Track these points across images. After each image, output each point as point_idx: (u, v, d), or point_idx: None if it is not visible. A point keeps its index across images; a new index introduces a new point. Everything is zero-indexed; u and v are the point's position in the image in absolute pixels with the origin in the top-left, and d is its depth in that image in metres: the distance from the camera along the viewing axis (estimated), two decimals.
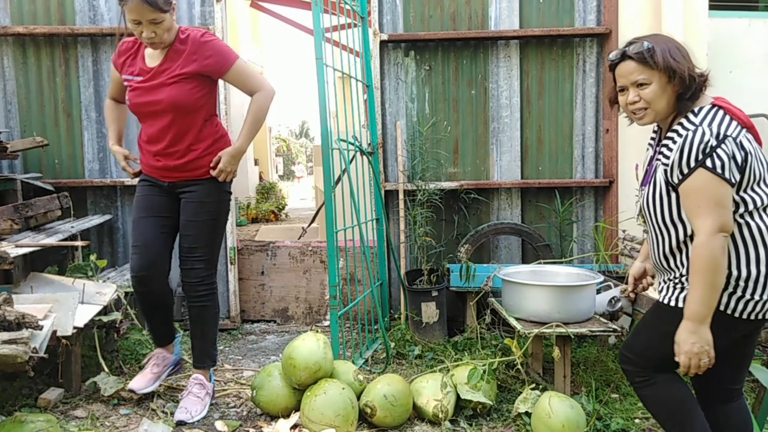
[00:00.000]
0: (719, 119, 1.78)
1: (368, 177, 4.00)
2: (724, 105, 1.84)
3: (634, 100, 1.89)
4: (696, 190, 1.75)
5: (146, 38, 2.55)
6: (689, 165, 1.75)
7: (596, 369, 3.20)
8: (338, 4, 3.65)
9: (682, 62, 1.81)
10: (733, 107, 1.84)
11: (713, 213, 1.72)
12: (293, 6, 7.93)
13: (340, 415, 2.51)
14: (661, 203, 1.88)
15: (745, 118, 1.82)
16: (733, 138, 1.75)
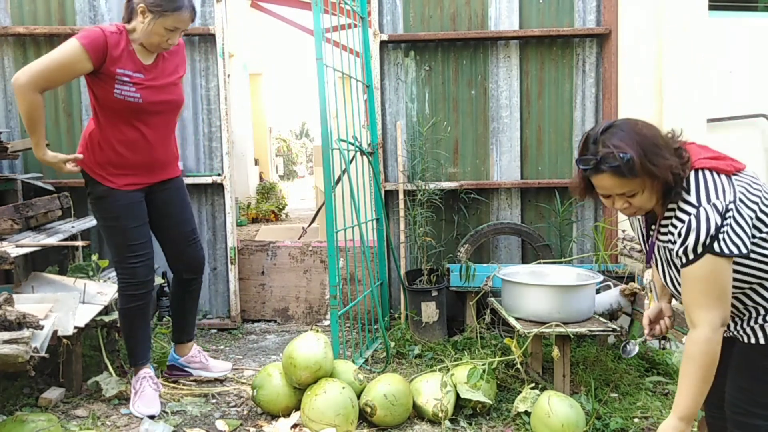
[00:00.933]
0: (714, 188, 1.62)
1: (368, 177, 4.00)
2: (708, 163, 1.67)
3: (624, 207, 1.72)
4: (702, 279, 1.60)
5: (170, 44, 2.59)
6: (696, 252, 1.59)
7: (595, 368, 3.20)
8: (338, 4, 3.66)
9: (662, 163, 1.61)
10: (716, 159, 1.68)
11: (718, 305, 1.60)
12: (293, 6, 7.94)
13: (341, 414, 2.51)
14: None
15: (729, 161, 1.68)
16: (736, 203, 1.60)
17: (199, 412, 2.81)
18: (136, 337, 2.84)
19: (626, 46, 4.09)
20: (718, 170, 1.66)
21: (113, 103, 2.60)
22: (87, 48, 2.47)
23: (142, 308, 2.83)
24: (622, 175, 1.62)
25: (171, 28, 2.53)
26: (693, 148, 1.73)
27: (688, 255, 1.61)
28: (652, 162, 1.60)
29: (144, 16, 2.52)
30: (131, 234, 2.73)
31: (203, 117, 4.21)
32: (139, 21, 2.55)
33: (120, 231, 2.72)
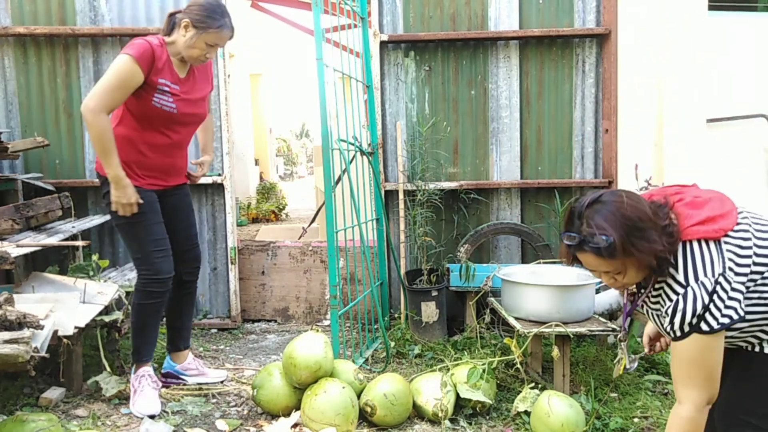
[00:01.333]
0: (702, 263, 1.59)
1: (368, 177, 4.01)
2: (696, 233, 1.62)
3: (610, 283, 1.72)
4: (689, 359, 1.60)
5: (207, 58, 2.77)
6: (683, 330, 1.59)
7: (595, 368, 3.21)
8: (338, 4, 3.66)
9: (646, 248, 1.57)
10: (704, 223, 1.63)
11: (706, 387, 1.59)
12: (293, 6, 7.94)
13: (341, 414, 2.52)
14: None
15: (719, 223, 1.63)
16: (725, 274, 1.58)
17: (199, 411, 2.81)
18: (145, 334, 2.87)
19: (626, 46, 4.09)
20: (707, 238, 1.62)
21: (150, 111, 2.70)
22: (138, 61, 2.60)
23: (159, 306, 2.86)
24: (604, 257, 1.60)
25: (212, 43, 2.70)
26: (683, 212, 1.67)
27: (676, 333, 1.60)
28: (635, 246, 1.57)
29: (187, 30, 2.68)
30: (156, 229, 2.80)
31: None
32: (180, 34, 2.70)
33: (145, 227, 2.78)
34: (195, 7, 2.68)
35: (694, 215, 1.65)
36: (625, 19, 4.09)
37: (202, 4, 2.69)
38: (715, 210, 1.66)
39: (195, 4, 2.69)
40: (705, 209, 1.66)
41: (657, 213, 1.63)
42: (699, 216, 1.65)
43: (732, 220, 1.65)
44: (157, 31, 4.06)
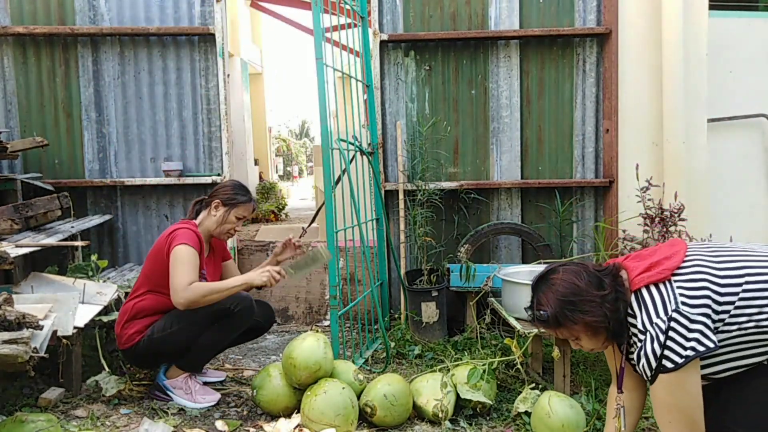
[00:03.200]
0: (654, 306, 1.67)
1: (368, 177, 4.00)
2: (643, 280, 1.72)
3: (576, 347, 1.87)
4: (666, 405, 1.65)
5: (237, 231, 3.03)
6: (652, 371, 1.66)
7: (596, 369, 3.20)
8: (338, 4, 3.66)
9: (579, 318, 1.72)
10: (649, 269, 1.72)
11: (686, 429, 1.64)
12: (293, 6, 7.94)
13: (341, 414, 2.51)
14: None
15: (663, 266, 1.71)
16: (679, 309, 1.63)
17: (199, 412, 2.81)
18: (215, 348, 3.04)
19: (626, 46, 4.09)
20: (654, 282, 1.70)
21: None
22: (195, 247, 2.78)
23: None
24: (552, 327, 1.77)
25: (240, 216, 2.99)
26: (629, 266, 1.78)
27: (648, 376, 1.68)
28: (569, 318, 1.73)
29: (217, 210, 2.95)
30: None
31: (203, 117, 4.21)
32: (211, 214, 2.96)
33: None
34: (222, 189, 3.00)
35: (639, 266, 1.76)
36: (626, 18, 4.08)
37: (227, 185, 3.03)
38: (662, 254, 1.76)
39: (221, 187, 3.01)
40: (650, 258, 1.77)
41: (594, 283, 1.75)
42: (643, 265, 1.75)
43: (678, 258, 1.73)
44: (156, 30, 4.08)
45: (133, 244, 4.26)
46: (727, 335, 1.67)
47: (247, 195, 3.01)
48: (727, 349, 1.69)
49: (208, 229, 2.97)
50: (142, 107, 4.20)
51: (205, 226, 2.96)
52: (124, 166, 4.22)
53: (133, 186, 4.21)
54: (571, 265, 1.84)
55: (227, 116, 4.17)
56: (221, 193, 2.98)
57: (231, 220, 2.96)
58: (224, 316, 2.79)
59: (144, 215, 4.26)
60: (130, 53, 4.16)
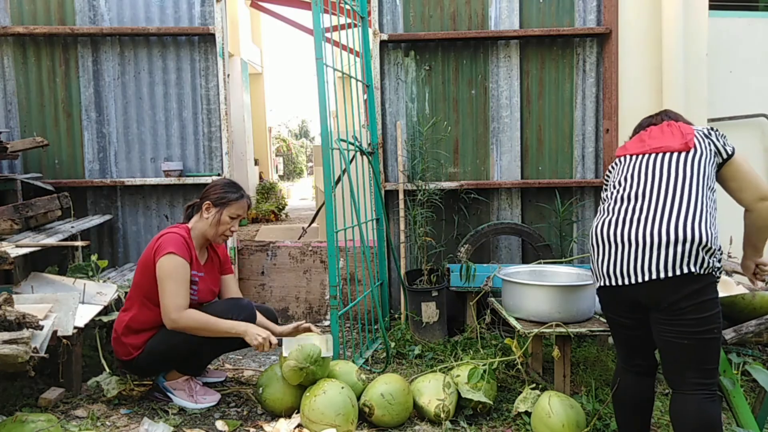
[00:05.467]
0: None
1: (368, 177, 4.00)
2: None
3: None
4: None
5: (233, 231, 2.90)
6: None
7: (596, 369, 3.20)
8: (338, 4, 3.65)
9: None
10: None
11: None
12: (293, 6, 7.93)
13: (341, 414, 2.51)
14: None
15: None
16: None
17: (199, 412, 2.81)
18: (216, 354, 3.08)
19: (626, 46, 4.09)
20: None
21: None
22: (181, 255, 2.72)
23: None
24: None
25: (234, 215, 2.87)
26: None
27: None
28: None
29: (209, 211, 2.85)
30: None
31: (203, 117, 4.20)
32: (204, 216, 2.86)
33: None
34: (211, 189, 2.89)
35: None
36: (626, 18, 4.08)
37: (216, 184, 2.92)
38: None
39: (210, 187, 2.91)
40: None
41: None
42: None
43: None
44: (156, 30, 4.08)
45: (133, 244, 4.26)
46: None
47: (238, 192, 2.90)
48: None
49: (202, 233, 2.87)
50: (142, 107, 4.20)
51: (198, 230, 2.87)
52: (124, 166, 4.22)
53: (133, 186, 4.21)
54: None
55: (227, 116, 4.17)
56: (211, 193, 2.87)
57: (225, 220, 2.85)
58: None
59: (144, 215, 4.26)
60: (130, 53, 4.16)
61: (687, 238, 1.93)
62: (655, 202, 2.04)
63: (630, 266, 2.01)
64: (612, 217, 2.11)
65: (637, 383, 2.22)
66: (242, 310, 2.83)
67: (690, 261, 1.92)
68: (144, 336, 2.80)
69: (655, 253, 1.96)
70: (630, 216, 2.06)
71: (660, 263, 1.95)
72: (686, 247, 1.92)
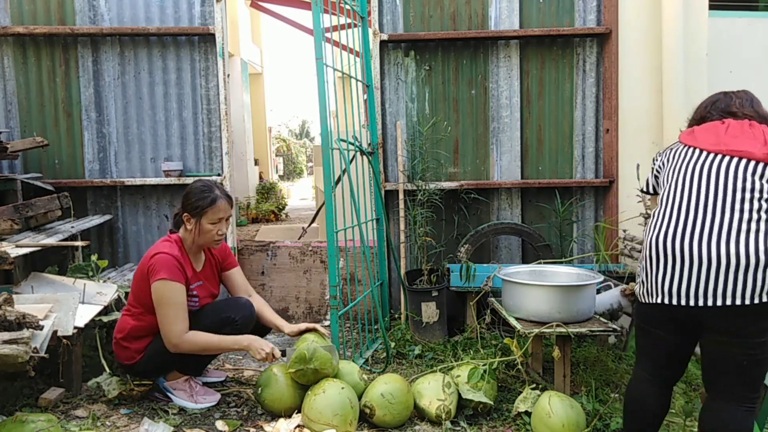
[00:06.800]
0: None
1: (368, 177, 4.00)
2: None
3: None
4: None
5: (221, 234, 2.83)
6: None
7: (596, 369, 3.20)
8: (338, 4, 3.65)
9: None
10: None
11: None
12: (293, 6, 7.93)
13: (338, 414, 2.51)
14: None
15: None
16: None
17: (200, 412, 2.81)
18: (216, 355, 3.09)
19: (626, 46, 4.09)
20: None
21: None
22: (179, 280, 2.70)
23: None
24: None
25: (214, 221, 2.78)
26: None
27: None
28: None
29: (189, 222, 2.79)
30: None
31: (203, 117, 4.20)
32: (187, 229, 2.81)
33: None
34: (186, 199, 2.81)
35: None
36: (626, 18, 4.08)
37: (189, 192, 2.81)
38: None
39: (185, 196, 2.82)
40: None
41: None
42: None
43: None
44: (156, 30, 4.08)
45: (133, 244, 4.26)
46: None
47: (209, 195, 2.77)
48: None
49: (192, 243, 2.84)
50: (142, 107, 4.20)
51: (188, 241, 2.84)
52: (124, 166, 4.22)
53: (133, 186, 4.21)
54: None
55: (227, 116, 4.17)
56: (185, 204, 2.80)
57: (206, 228, 2.77)
58: (226, 325, 2.78)
59: (144, 215, 4.26)
60: (130, 53, 4.16)
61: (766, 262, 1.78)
62: (730, 216, 1.84)
63: (700, 287, 1.83)
64: (678, 227, 1.90)
65: (660, 394, 2.10)
66: (241, 309, 2.84)
67: (766, 288, 1.79)
68: (144, 342, 2.80)
69: (731, 276, 1.79)
70: (701, 229, 1.85)
71: (738, 288, 1.79)
72: (766, 273, 1.78)
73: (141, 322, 2.80)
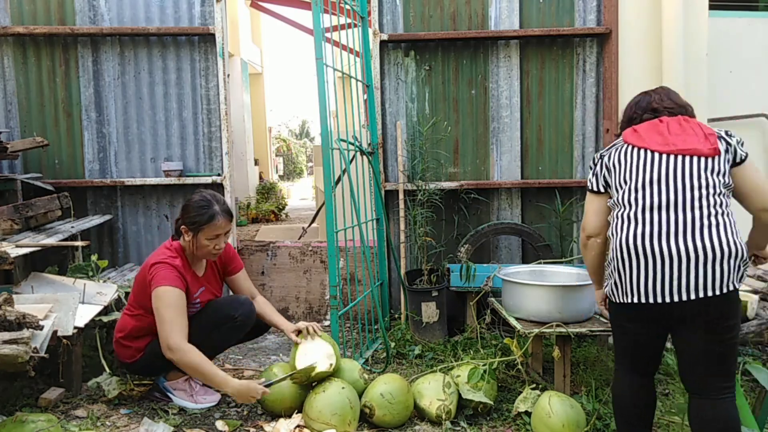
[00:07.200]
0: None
1: (368, 177, 4.00)
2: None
3: None
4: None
5: (219, 249, 2.79)
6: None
7: (596, 368, 3.20)
8: (338, 4, 3.65)
9: None
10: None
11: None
12: (293, 6, 7.93)
13: (337, 414, 2.51)
14: None
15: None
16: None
17: (200, 412, 2.81)
18: (216, 352, 2.99)
19: (626, 46, 4.09)
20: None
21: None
22: (177, 286, 2.67)
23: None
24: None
25: (212, 237, 2.74)
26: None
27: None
28: None
29: (187, 235, 2.76)
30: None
31: (203, 117, 4.20)
32: (186, 240, 2.78)
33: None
34: (184, 212, 2.77)
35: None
36: (626, 18, 4.08)
37: (187, 205, 2.77)
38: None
39: (184, 209, 2.78)
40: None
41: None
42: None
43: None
44: (156, 30, 4.08)
45: (133, 244, 4.26)
46: None
47: (209, 210, 2.71)
48: None
49: (191, 253, 2.82)
50: (142, 107, 4.20)
51: (188, 251, 2.82)
52: (124, 166, 4.22)
53: (133, 186, 4.21)
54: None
55: (227, 116, 4.17)
56: (183, 216, 2.77)
57: (203, 243, 2.73)
58: (225, 322, 2.78)
59: (144, 215, 4.26)
60: (130, 53, 4.16)
61: (732, 252, 1.87)
62: (692, 213, 1.92)
63: (674, 283, 1.90)
64: (646, 227, 1.96)
65: (642, 385, 2.16)
66: (240, 307, 2.85)
67: (735, 276, 1.88)
68: (145, 341, 2.81)
69: (701, 269, 1.87)
70: (667, 228, 1.93)
71: (708, 280, 1.87)
72: (731, 262, 1.87)
73: (141, 323, 2.80)
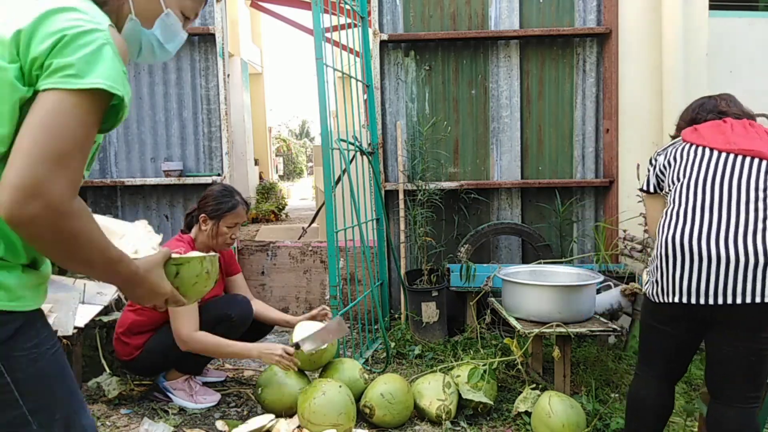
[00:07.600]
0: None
1: (368, 177, 4.00)
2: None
3: None
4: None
5: (234, 239, 2.92)
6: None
7: (596, 369, 3.20)
8: (338, 4, 3.65)
9: None
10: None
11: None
12: (293, 6, 7.93)
13: (342, 413, 2.51)
14: None
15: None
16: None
17: (200, 412, 2.81)
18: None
19: (626, 46, 4.09)
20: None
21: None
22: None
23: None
24: None
25: (231, 224, 2.87)
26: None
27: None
28: None
29: (205, 224, 2.85)
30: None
31: (203, 117, 4.21)
32: (202, 229, 2.86)
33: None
34: (204, 201, 2.89)
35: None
36: (626, 18, 4.08)
37: (209, 195, 2.90)
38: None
39: (204, 198, 2.90)
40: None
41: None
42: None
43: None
44: None
45: None
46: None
47: (232, 200, 2.88)
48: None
49: (204, 244, 2.87)
50: (142, 107, 4.20)
51: (200, 242, 2.88)
52: (124, 166, 4.22)
53: (134, 186, 4.21)
54: None
55: (227, 116, 4.17)
56: (205, 206, 2.87)
57: (222, 231, 2.86)
58: (223, 322, 2.78)
59: (144, 215, 4.26)
60: None
61: None
62: (746, 215, 1.85)
63: (719, 285, 1.83)
64: (695, 226, 1.90)
65: (664, 392, 2.10)
66: (237, 306, 2.85)
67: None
68: (144, 337, 2.80)
69: (750, 273, 1.80)
70: (717, 228, 1.86)
71: (758, 285, 1.80)
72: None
73: (141, 317, 2.80)
